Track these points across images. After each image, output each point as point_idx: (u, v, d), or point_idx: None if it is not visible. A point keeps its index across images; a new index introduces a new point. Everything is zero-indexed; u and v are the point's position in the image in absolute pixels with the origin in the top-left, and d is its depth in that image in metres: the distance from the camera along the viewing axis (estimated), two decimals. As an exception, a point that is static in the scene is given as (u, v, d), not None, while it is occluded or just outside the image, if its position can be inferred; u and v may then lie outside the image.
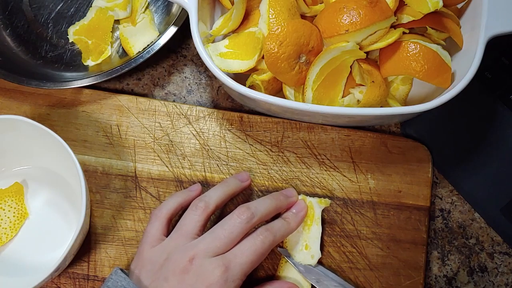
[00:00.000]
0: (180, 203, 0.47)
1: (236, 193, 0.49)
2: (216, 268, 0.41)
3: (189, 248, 0.43)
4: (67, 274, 0.51)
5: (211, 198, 0.46)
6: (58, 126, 0.54)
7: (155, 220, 0.46)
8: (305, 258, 0.49)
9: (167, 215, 0.46)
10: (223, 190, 0.47)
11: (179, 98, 0.58)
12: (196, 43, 0.47)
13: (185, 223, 0.45)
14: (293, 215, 0.48)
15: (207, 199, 0.46)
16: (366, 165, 0.55)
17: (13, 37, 0.58)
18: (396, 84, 0.53)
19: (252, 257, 0.43)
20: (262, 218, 0.45)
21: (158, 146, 0.54)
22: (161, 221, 0.46)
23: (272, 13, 0.48)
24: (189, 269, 0.41)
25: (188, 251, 0.42)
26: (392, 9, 0.47)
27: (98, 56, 0.57)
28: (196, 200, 0.46)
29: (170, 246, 0.44)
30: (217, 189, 0.47)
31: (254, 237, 0.44)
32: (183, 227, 0.45)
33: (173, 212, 0.47)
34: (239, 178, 0.50)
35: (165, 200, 0.48)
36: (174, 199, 0.47)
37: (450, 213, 0.56)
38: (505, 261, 0.55)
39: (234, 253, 0.43)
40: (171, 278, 0.41)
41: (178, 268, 0.42)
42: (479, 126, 0.56)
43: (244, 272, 0.42)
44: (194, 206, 0.45)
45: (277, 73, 0.48)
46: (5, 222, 0.51)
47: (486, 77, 0.57)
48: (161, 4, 0.59)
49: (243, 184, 0.50)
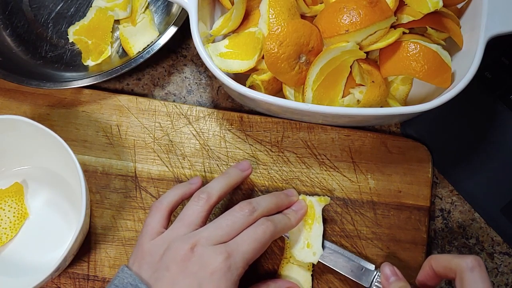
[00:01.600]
0: (181, 195, 0.46)
1: (238, 183, 0.48)
2: (219, 255, 0.40)
3: (191, 236, 0.42)
4: (67, 274, 0.51)
5: (213, 189, 0.45)
6: (58, 126, 0.54)
7: (155, 212, 0.45)
8: (306, 256, 0.49)
9: (168, 207, 0.45)
10: (225, 181, 0.47)
11: (179, 98, 0.58)
12: (196, 43, 0.47)
13: (188, 214, 0.44)
14: (293, 212, 0.48)
15: (209, 190, 0.45)
16: (366, 165, 0.55)
17: (13, 37, 0.58)
18: (396, 84, 0.53)
19: (254, 245, 0.42)
20: (263, 213, 0.45)
21: (158, 146, 0.54)
22: (161, 213, 0.45)
23: (272, 13, 0.48)
24: (191, 256, 0.40)
25: (190, 239, 0.41)
26: (392, 9, 0.47)
27: (98, 56, 0.57)
28: (199, 191, 0.45)
29: (171, 237, 0.43)
30: (219, 180, 0.47)
31: (256, 226, 0.43)
32: (185, 218, 0.44)
33: (174, 205, 0.46)
34: (240, 167, 0.49)
35: (166, 192, 0.47)
36: (175, 191, 0.47)
37: (450, 213, 0.56)
38: (505, 261, 0.55)
39: (236, 242, 0.42)
40: (172, 266, 0.40)
41: (179, 256, 0.41)
42: (479, 126, 0.56)
43: (246, 260, 0.42)
44: (196, 197, 0.45)
45: (277, 73, 0.48)
46: (5, 222, 0.51)
47: (486, 77, 0.57)
48: (161, 4, 0.59)
49: (244, 173, 0.49)
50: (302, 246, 0.49)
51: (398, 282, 0.44)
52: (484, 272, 0.37)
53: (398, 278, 0.45)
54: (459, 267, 0.38)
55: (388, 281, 0.45)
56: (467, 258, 0.38)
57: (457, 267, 0.38)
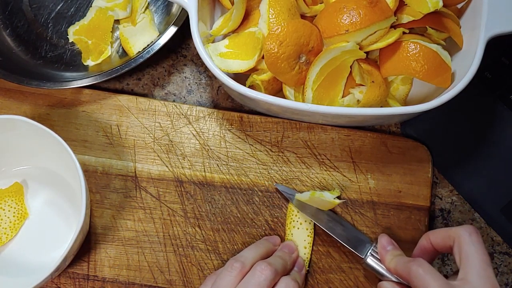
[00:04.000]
0: (261, 256, 0.48)
1: (268, 255, 0.49)
2: None
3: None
4: (67, 274, 0.51)
5: (247, 259, 0.46)
6: (58, 126, 0.54)
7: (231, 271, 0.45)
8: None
9: (245, 268, 0.46)
10: (257, 251, 0.48)
11: (179, 98, 0.58)
12: (196, 43, 0.47)
13: (222, 284, 0.45)
14: (296, 272, 0.50)
15: (243, 259, 0.46)
16: (366, 165, 0.55)
17: (13, 37, 0.58)
18: (396, 84, 0.53)
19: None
20: (252, 264, 0.46)
21: (158, 146, 0.54)
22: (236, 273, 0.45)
23: (272, 13, 0.48)
24: None
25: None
26: (392, 9, 0.47)
27: (98, 56, 0.57)
28: (232, 260, 0.46)
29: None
30: (252, 250, 0.48)
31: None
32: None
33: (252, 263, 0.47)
34: (271, 241, 0.51)
35: (246, 250, 0.48)
36: (255, 251, 0.48)
37: (450, 213, 0.56)
38: (505, 261, 0.55)
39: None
40: None
41: None
42: (479, 126, 0.56)
43: None
44: (230, 267, 0.45)
45: (277, 73, 0.48)
46: (5, 222, 0.51)
47: (486, 77, 0.57)
48: (161, 4, 0.59)
49: (275, 248, 0.51)
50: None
51: (395, 251, 0.46)
52: (480, 237, 0.41)
53: (395, 247, 0.47)
54: (457, 233, 0.41)
55: (385, 249, 0.47)
56: (464, 226, 0.42)
57: (456, 233, 0.41)
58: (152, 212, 0.53)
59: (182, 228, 0.53)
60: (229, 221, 0.53)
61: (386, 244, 0.47)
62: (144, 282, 0.51)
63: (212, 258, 0.52)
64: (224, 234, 0.53)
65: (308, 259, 0.51)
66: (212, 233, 0.53)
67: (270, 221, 0.53)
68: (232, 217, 0.53)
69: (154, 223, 0.53)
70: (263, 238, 0.52)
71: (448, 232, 0.42)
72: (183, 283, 0.52)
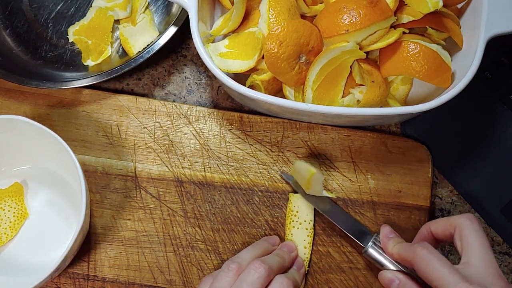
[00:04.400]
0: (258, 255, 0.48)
1: (266, 255, 0.49)
2: None
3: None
4: (67, 274, 0.51)
5: (244, 260, 0.46)
6: (58, 126, 0.54)
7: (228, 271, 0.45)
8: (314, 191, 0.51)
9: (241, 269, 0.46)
10: (255, 251, 0.48)
11: (179, 98, 0.58)
12: (196, 43, 0.47)
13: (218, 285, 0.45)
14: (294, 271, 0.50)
15: (239, 260, 0.46)
16: (366, 165, 0.55)
17: (13, 37, 0.58)
18: (396, 84, 0.53)
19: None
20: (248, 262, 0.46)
21: (158, 146, 0.54)
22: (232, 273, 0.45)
23: (272, 13, 0.48)
24: None
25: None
26: (392, 9, 0.47)
27: (98, 56, 0.57)
28: (229, 261, 0.46)
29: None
30: (249, 251, 0.48)
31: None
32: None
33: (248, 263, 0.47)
34: (270, 241, 0.51)
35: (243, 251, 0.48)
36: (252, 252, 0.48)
37: (450, 213, 0.56)
38: (505, 261, 0.55)
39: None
40: None
41: None
42: (479, 126, 0.56)
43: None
44: (226, 268, 0.45)
45: (277, 73, 0.48)
46: (5, 222, 0.51)
47: (486, 77, 0.57)
48: (161, 4, 0.59)
49: (273, 248, 0.51)
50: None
51: (397, 238, 0.47)
52: (480, 224, 0.42)
53: (397, 235, 0.48)
54: (458, 221, 0.42)
55: (388, 237, 0.47)
56: (464, 214, 0.43)
57: (456, 221, 0.43)
58: (152, 212, 0.53)
59: (182, 228, 0.53)
60: (229, 221, 0.53)
61: (389, 233, 0.48)
62: (144, 282, 0.51)
63: (212, 258, 0.52)
64: (224, 234, 0.53)
65: (308, 259, 0.51)
66: (212, 233, 0.53)
67: (270, 221, 0.53)
68: (232, 217, 0.53)
69: (154, 223, 0.53)
70: (262, 238, 0.52)
71: (449, 220, 0.43)
72: (183, 283, 0.52)
